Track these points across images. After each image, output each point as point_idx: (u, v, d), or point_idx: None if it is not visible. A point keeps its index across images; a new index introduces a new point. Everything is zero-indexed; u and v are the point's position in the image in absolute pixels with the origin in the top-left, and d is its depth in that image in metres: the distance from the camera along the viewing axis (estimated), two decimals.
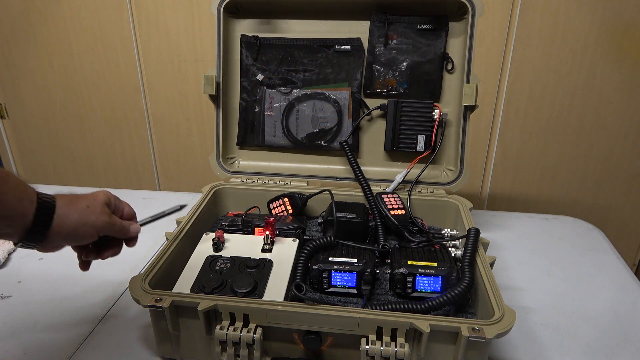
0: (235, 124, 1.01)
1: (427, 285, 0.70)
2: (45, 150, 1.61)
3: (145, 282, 0.64)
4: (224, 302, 0.60)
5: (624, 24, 1.19)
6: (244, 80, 0.98)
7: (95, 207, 0.59)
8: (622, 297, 0.83)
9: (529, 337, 0.73)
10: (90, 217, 0.58)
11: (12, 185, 0.51)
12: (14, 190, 0.51)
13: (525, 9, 1.20)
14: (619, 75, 1.24)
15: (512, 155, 1.38)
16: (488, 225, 1.08)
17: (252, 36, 0.97)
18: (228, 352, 0.60)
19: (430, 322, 0.57)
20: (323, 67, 0.96)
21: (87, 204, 0.58)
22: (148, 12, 1.34)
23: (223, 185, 0.98)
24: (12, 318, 0.76)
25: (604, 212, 1.41)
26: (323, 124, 0.98)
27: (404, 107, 0.94)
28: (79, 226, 0.57)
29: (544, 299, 0.82)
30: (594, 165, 1.36)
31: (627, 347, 0.71)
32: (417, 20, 0.92)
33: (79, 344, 0.71)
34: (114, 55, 1.42)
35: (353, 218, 0.84)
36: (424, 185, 0.97)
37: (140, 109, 1.48)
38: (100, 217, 0.59)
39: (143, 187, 1.60)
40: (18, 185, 0.52)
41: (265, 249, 0.76)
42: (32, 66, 1.47)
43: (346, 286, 0.73)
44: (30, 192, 0.53)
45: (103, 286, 0.84)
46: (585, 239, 1.03)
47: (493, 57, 1.26)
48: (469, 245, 0.73)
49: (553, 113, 1.31)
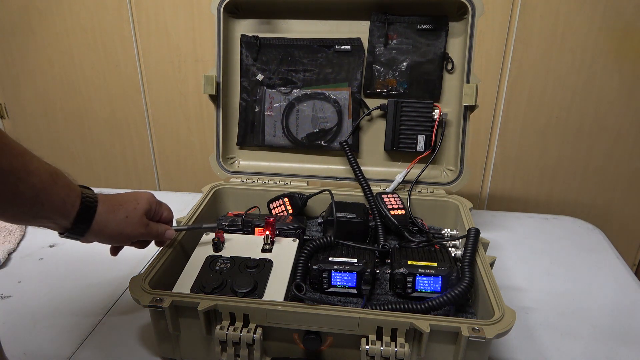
0: (235, 124, 1.01)
1: (427, 285, 0.70)
2: (45, 150, 1.61)
3: (145, 282, 0.64)
4: (224, 302, 0.60)
5: (624, 24, 1.19)
6: (244, 80, 0.98)
7: (134, 218, 0.61)
8: (622, 297, 0.83)
9: (529, 337, 0.73)
10: (127, 228, 0.61)
11: (59, 187, 0.53)
12: (60, 192, 0.53)
13: (525, 9, 1.20)
14: (619, 75, 1.24)
15: (512, 155, 1.38)
16: (488, 225, 1.08)
17: (252, 36, 0.96)
18: (228, 352, 0.60)
19: (430, 322, 0.57)
20: (323, 67, 0.96)
21: (127, 214, 0.61)
22: (148, 12, 1.34)
23: (223, 185, 0.98)
24: (12, 318, 0.76)
25: (604, 212, 1.41)
26: (323, 124, 0.98)
27: (404, 107, 0.94)
28: (115, 234, 0.60)
29: (544, 299, 0.82)
30: (594, 165, 1.35)
31: (627, 347, 0.71)
32: (417, 20, 0.92)
33: (79, 344, 0.71)
34: (114, 55, 1.42)
35: (353, 218, 0.84)
36: (424, 185, 0.97)
37: (140, 109, 1.48)
38: (137, 229, 0.62)
39: (143, 187, 1.60)
40: (65, 187, 0.54)
41: (265, 249, 0.76)
42: (32, 66, 1.47)
43: (346, 286, 0.73)
44: (74, 196, 0.55)
45: (103, 286, 0.84)
46: (585, 239, 1.03)
47: (493, 57, 1.26)
48: (469, 245, 0.73)
49: (553, 113, 1.31)
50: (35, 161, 0.50)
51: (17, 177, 0.48)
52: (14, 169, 0.47)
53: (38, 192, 0.50)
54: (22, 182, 0.48)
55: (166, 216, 0.70)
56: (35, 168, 0.50)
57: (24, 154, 0.49)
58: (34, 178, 0.49)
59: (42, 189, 0.50)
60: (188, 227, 0.77)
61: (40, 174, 0.50)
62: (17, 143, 0.49)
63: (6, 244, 0.94)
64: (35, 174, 0.50)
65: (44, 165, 0.51)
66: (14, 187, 0.48)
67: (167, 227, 0.69)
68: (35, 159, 0.50)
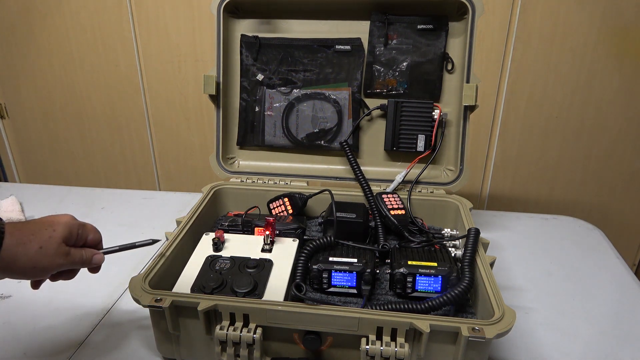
0: (235, 124, 1.01)
1: (427, 285, 0.70)
2: (45, 150, 1.61)
3: (145, 282, 0.64)
4: (224, 302, 0.60)
5: (624, 24, 1.19)
6: (244, 80, 0.98)
7: (50, 248, 0.53)
8: (622, 297, 0.83)
9: (529, 337, 0.73)
10: (43, 260, 0.53)
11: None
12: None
13: (525, 9, 1.20)
14: (619, 75, 1.24)
15: (512, 155, 1.38)
16: (488, 225, 1.08)
17: (252, 36, 0.97)
18: (228, 352, 0.60)
19: (430, 322, 0.57)
20: (323, 67, 0.96)
21: (41, 245, 0.52)
22: (148, 12, 1.35)
23: (223, 185, 0.98)
24: (12, 318, 0.76)
25: (604, 212, 1.41)
26: (323, 124, 0.98)
27: (404, 107, 0.94)
28: (27, 269, 0.52)
29: (544, 299, 0.82)
30: (594, 165, 1.36)
31: (627, 347, 0.71)
32: (417, 20, 0.92)
33: (79, 344, 0.71)
34: (114, 55, 1.42)
35: (353, 218, 0.84)
36: (424, 185, 0.97)
37: (140, 109, 1.48)
38: (55, 260, 0.54)
39: (143, 187, 1.60)
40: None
41: (265, 249, 0.76)
42: (32, 66, 1.48)
43: (346, 286, 0.73)
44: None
45: (103, 286, 0.84)
46: (585, 239, 1.03)
47: (493, 57, 1.26)
48: (469, 245, 0.73)
49: (553, 113, 1.31)
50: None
51: None
52: None
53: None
54: None
55: (92, 238, 0.60)
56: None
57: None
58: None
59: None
60: (119, 248, 0.65)
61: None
62: None
63: None
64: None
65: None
66: None
67: (93, 251, 0.60)
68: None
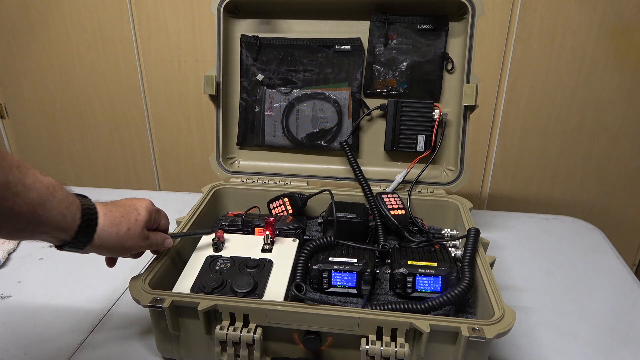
0: (235, 124, 1.01)
1: (427, 285, 0.70)
2: (45, 150, 1.61)
3: (145, 282, 0.64)
4: (224, 302, 0.60)
5: (624, 24, 1.19)
6: (244, 80, 0.98)
7: (135, 231, 0.60)
8: (622, 297, 0.83)
9: (529, 337, 0.73)
10: (129, 241, 0.59)
11: (58, 201, 0.50)
12: (59, 206, 0.50)
13: (525, 9, 1.20)
14: (619, 75, 1.24)
15: (512, 155, 1.38)
16: (488, 225, 1.08)
17: (252, 36, 0.96)
18: (228, 352, 0.60)
19: (430, 322, 0.57)
20: (323, 67, 0.96)
21: (129, 227, 0.59)
22: (148, 12, 1.34)
23: (223, 185, 0.98)
24: (12, 318, 0.76)
25: (604, 212, 1.41)
26: (323, 124, 0.98)
27: (404, 107, 0.94)
28: (116, 247, 0.58)
29: (544, 299, 0.82)
30: (594, 165, 1.36)
31: (627, 347, 0.71)
32: (417, 20, 0.92)
33: (79, 344, 0.71)
34: (114, 55, 1.42)
35: (353, 218, 0.84)
36: (424, 185, 0.97)
37: (140, 108, 1.48)
38: (138, 242, 0.61)
39: (143, 187, 1.61)
40: (63, 200, 0.51)
41: (265, 249, 0.76)
42: (32, 66, 1.47)
43: (346, 286, 0.73)
44: (75, 209, 0.52)
45: (103, 286, 0.84)
46: (585, 239, 1.03)
47: (493, 57, 1.26)
48: (469, 245, 0.73)
49: (553, 113, 1.31)
50: (31, 174, 0.47)
51: (14, 192, 0.45)
52: (9, 183, 0.45)
53: (35, 207, 0.47)
54: (18, 197, 0.45)
55: (164, 224, 0.68)
56: (32, 181, 0.47)
57: (20, 166, 0.46)
58: (32, 192, 0.47)
59: (40, 203, 0.48)
60: (185, 234, 0.76)
61: (37, 188, 0.47)
62: (11, 154, 0.46)
63: (6, 243, 0.94)
64: (32, 188, 0.47)
65: (41, 177, 0.49)
66: (10, 203, 0.45)
67: (165, 236, 0.68)
68: (31, 171, 0.48)
